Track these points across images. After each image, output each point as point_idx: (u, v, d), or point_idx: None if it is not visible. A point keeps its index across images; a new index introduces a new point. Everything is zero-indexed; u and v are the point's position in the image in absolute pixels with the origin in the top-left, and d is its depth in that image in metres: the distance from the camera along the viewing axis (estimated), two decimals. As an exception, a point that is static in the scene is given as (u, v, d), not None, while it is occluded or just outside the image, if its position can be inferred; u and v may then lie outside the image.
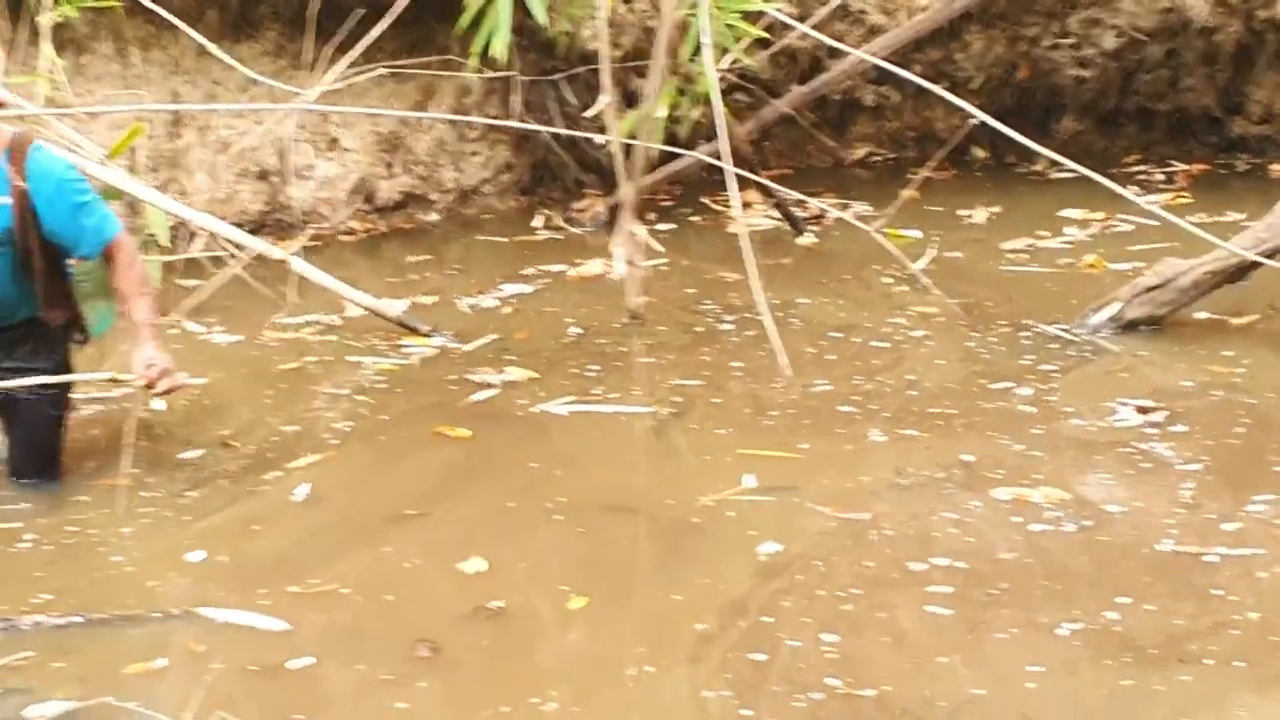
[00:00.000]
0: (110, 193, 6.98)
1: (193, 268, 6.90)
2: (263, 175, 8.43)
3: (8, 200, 4.49)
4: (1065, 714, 3.35)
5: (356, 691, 3.55)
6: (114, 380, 4.82)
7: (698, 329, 6.57)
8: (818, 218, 8.45)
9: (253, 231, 7.24)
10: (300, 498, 4.75)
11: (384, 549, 4.34)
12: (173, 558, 4.31)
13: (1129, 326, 6.23)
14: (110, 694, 3.47)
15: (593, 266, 7.63)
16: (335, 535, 4.49)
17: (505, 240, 8.50)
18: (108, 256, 4.64)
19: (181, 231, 7.06)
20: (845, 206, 8.47)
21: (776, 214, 8.52)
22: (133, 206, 7.51)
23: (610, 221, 8.16)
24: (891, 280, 7.21)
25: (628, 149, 7.15)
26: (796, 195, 7.56)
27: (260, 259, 6.59)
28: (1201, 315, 6.31)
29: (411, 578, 4.16)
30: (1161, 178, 9.60)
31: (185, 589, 4.12)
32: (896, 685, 3.46)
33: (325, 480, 4.89)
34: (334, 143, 8.67)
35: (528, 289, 7.38)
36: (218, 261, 6.65)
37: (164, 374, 4.63)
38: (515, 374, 5.94)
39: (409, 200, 8.96)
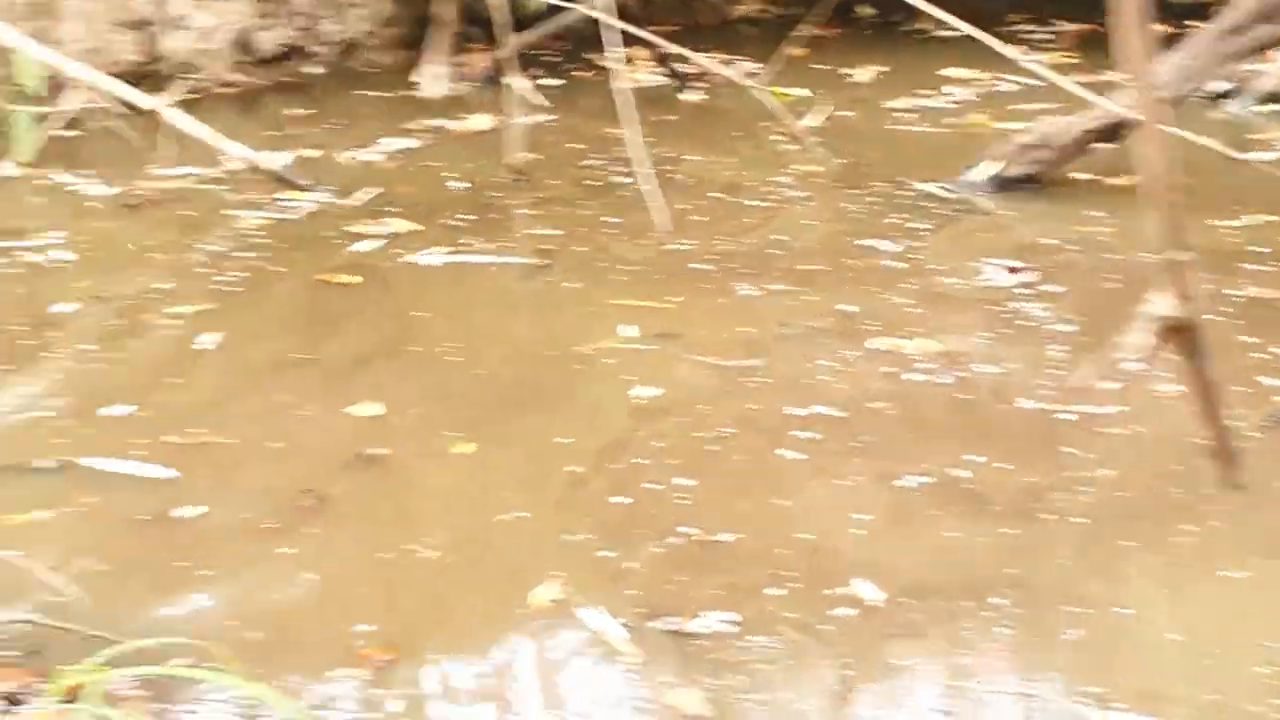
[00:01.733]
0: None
1: (69, 120, 6.76)
2: (138, 25, 8.23)
3: None
4: (887, 561, 3.45)
5: (240, 540, 3.60)
6: None
7: (585, 183, 6.58)
8: (701, 75, 8.44)
9: (130, 83, 7.07)
10: (200, 346, 4.74)
11: (272, 396, 4.37)
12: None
13: (1006, 185, 6.33)
14: (-11, 544, 3.48)
15: (478, 122, 7.57)
16: (221, 383, 4.51)
17: (389, 95, 8.39)
18: None
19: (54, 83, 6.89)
20: (730, 63, 8.46)
21: (662, 70, 8.49)
22: (2, 55, 7.31)
23: (495, 77, 8.09)
24: (780, 139, 7.24)
25: (512, 2, 7.07)
26: (680, 50, 7.53)
27: (135, 110, 6.47)
28: (1081, 175, 6.43)
29: (298, 425, 4.20)
30: (1047, 37, 9.68)
31: (72, 441, 4.11)
32: (749, 531, 3.57)
33: (208, 329, 4.88)
34: (212, -8, 8.47)
35: (412, 144, 7.32)
36: (91, 113, 6.53)
37: None
38: (397, 226, 5.94)
39: (290, 53, 8.79)
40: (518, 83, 6.98)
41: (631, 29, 6.83)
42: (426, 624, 3.27)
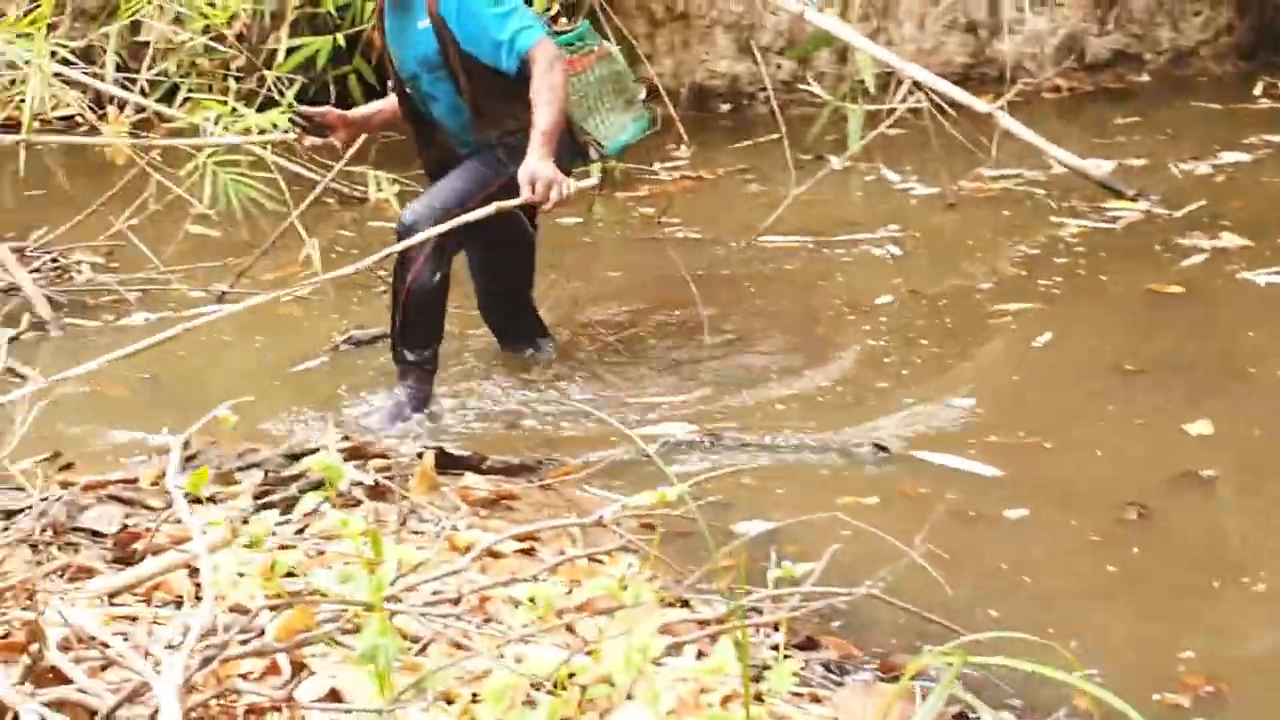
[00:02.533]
0: (820, 39, 7.12)
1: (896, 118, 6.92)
2: (970, 28, 8.32)
3: (427, 23, 4.29)
4: None
5: (1063, 548, 3.46)
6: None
7: None
8: None
9: (956, 84, 7.13)
10: (1035, 345, 4.69)
11: (1101, 403, 4.21)
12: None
13: None
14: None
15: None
16: (1050, 385, 4.43)
17: (1220, 107, 7.95)
18: (524, 68, 4.19)
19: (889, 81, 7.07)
20: None
21: None
22: (842, 53, 7.62)
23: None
24: None
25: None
26: None
27: (962, 111, 6.50)
28: None
29: (1126, 435, 4.02)
30: None
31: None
32: None
33: (1037, 330, 4.81)
34: (1045, -4, 8.41)
35: (1245, 157, 6.87)
36: (917, 113, 6.63)
37: (548, 185, 4.08)
38: (1227, 241, 5.58)
39: (1119, 59, 8.56)
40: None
41: None
42: (1251, 658, 3.00)
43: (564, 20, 4.96)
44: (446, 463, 3.79)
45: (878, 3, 8.16)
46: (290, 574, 2.54)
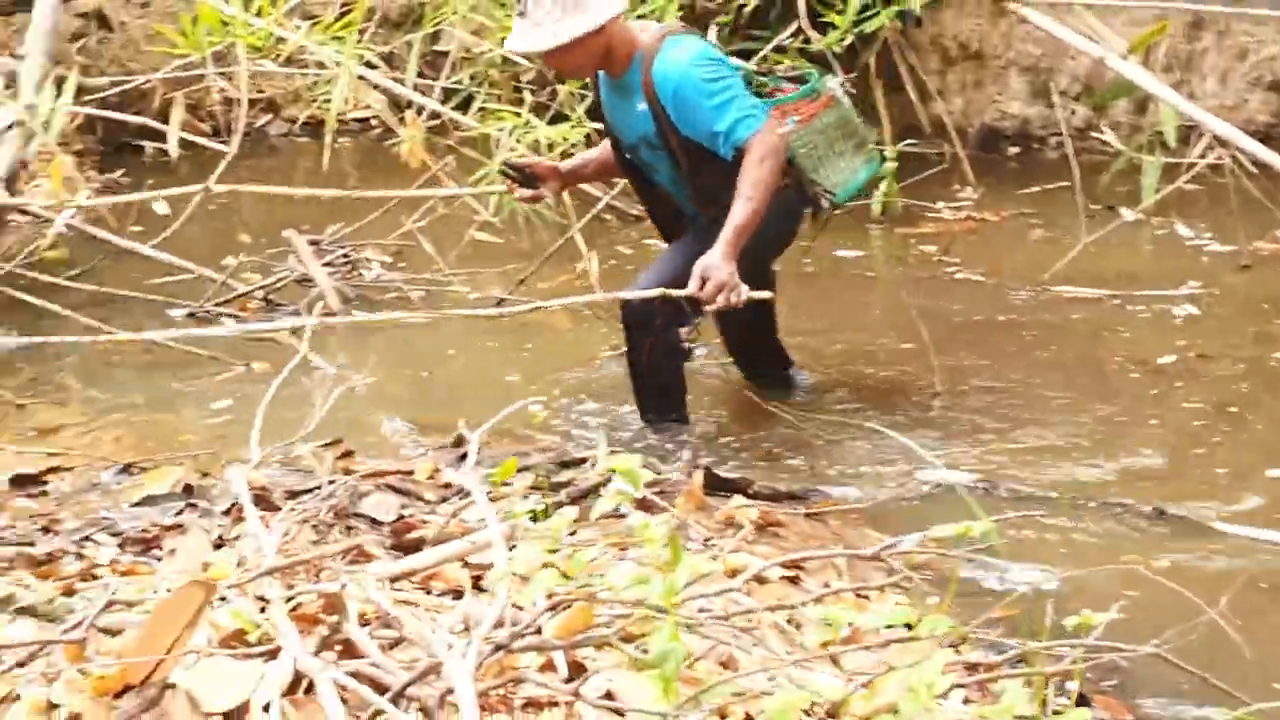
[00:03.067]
0: (1122, 87, 6.91)
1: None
2: (1274, 86, 7.98)
3: (645, 107, 4.20)
4: None
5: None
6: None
7: None
8: None
9: (1259, 142, 6.84)
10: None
11: None
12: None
13: None
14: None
15: None
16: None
17: None
18: (739, 159, 4.09)
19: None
20: None
21: None
22: (1141, 103, 7.41)
23: None
24: None
25: None
26: None
27: (1264, 170, 6.24)
28: None
29: None
30: None
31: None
32: None
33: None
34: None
35: None
36: (1217, 169, 6.39)
37: (718, 287, 3.99)
38: None
39: None
40: None
41: None
42: None
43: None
44: (715, 484, 3.79)
45: (1180, 55, 7.90)
46: (565, 576, 2.55)
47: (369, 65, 6.34)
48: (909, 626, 2.68)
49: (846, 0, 6.51)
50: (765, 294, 4.18)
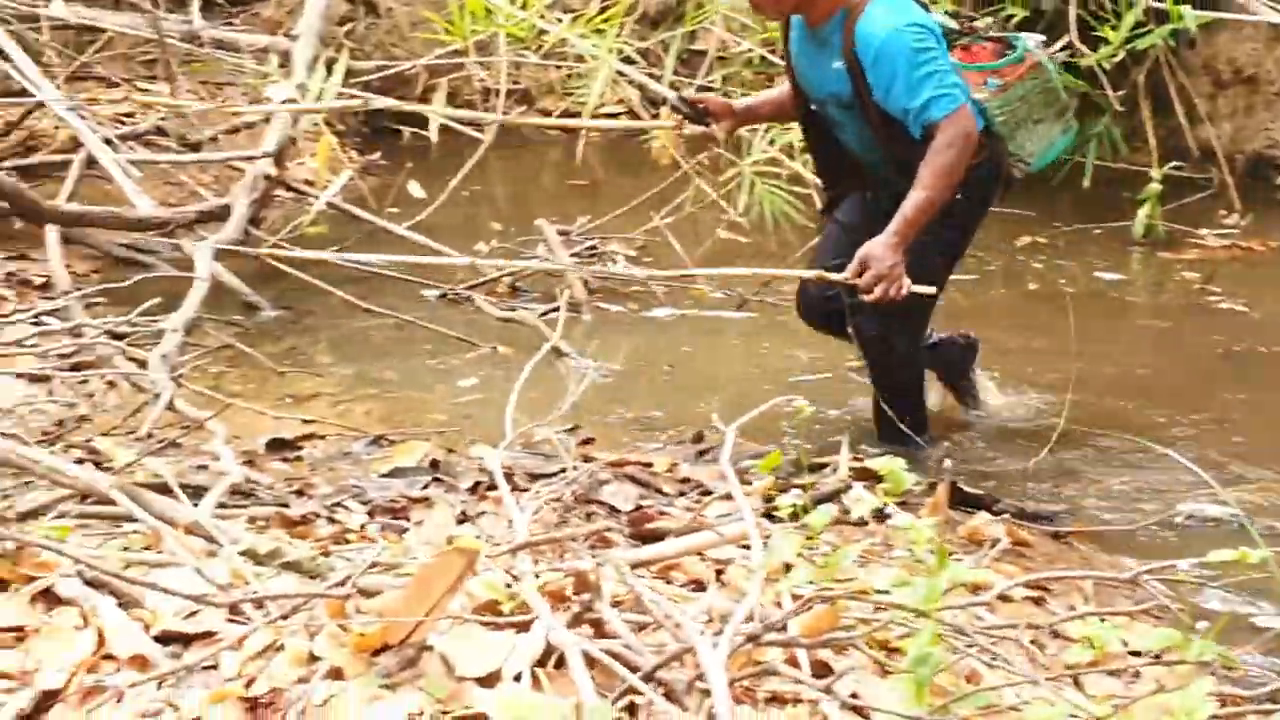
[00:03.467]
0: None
1: None
2: None
3: (841, 65, 3.94)
4: None
5: None
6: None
7: None
8: None
9: None
10: None
11: None
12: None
13: None
14: None
15: None
16: None
17: None
18: (928, 138, 3.85)
19: None
20: None
21: None
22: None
23: None
24: None
25: None
26: None
27: None
28: None
29: None
30: None
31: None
32: None
33: None
34: None
35: None
36: None
37: (877, 279, 3.80)
38: None
39: None
40: None
41: None
42: None
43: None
44: (959, 498, 3.72)
45: None
46: (819, 574, 2.53)
47: (627, 60, 6.39)
48: (1157, 657, 2.59)
49: (1120, 15, 6.34)
50: (929, 289, 3.96)
